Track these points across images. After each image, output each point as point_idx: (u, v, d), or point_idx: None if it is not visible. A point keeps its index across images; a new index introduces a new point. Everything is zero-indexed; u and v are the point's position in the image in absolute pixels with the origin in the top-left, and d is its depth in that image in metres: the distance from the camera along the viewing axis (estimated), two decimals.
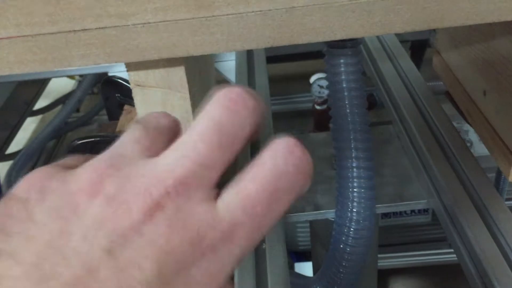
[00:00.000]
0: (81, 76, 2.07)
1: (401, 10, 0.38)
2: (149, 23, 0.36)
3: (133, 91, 0.48)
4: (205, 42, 0.38)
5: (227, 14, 0.37)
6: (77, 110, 1.99)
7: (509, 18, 0.37)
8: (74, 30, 0.36)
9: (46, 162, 1.74)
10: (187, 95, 0.49)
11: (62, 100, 1.90)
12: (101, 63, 0.37)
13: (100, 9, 0.36)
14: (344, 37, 0.38)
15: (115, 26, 0.36)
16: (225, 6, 0.37)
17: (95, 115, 1.81)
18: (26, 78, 1.28)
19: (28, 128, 2.14)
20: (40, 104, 1.95)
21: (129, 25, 0.36)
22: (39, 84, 1.87)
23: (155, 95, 0.49)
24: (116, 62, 0.37)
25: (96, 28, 0.36)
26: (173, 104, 0.50)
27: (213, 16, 0.37)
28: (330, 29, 0.37)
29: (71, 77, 2.22)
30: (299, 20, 0.37)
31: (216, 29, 0.37)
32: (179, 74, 0.47)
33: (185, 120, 0.51)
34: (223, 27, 0.37)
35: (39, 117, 2.14)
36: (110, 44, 0.36)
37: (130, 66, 0.46)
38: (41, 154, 1.71)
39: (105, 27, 0.36)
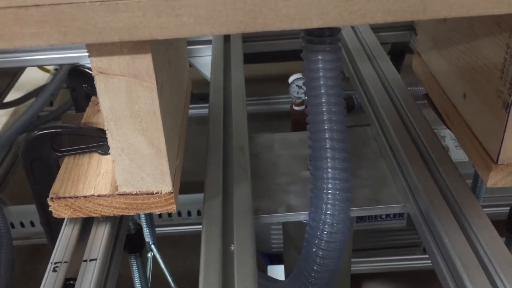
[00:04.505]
0: (56, 69, 2.02)
1: None
2: (108, 1, 0.33)
3: (95, 78, 0.45)
4: (170, 24, 0.35)
5: None
6: (51, 104, 1.94)
7: (496, 12, 0.35)
8: (26, 6, 0.33)
9: (16, 156, 1.70)
10: (154, 86, 0.46)
11: (35, 93, 1.85)
12: (55, 44, 0.34)
13: None
14: (321, 25, 0.35)
15: (70, 3, 0.33)
16: None
17: (68, 109, 1.75)
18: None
19: None
20: (12, 96, 1.89)
21: (86, 2, 0.33)
22: (11, 76, 1.81)
23: (119, 84, 0.46)
24: (71, 43, 0.34)
25: (49, 4, 0.33)
26: (138, 94, 0.46)
27: None
28: (306, 16, 0.35)
29: (45, 70, 2.17)
30: (273, 5, 0.35)
31: (182, 11, 0.34)
32: (145, 62, 0.44)
33: (151, 112, 0.48)
34: (190, 8, 0.34)
35: (11, 110, 2.08)
36: (64, 23, 0.33)
37: (92, 51, 0.43)
38: (11, 148, 1.66)
39: (60, 4, 0.33)
